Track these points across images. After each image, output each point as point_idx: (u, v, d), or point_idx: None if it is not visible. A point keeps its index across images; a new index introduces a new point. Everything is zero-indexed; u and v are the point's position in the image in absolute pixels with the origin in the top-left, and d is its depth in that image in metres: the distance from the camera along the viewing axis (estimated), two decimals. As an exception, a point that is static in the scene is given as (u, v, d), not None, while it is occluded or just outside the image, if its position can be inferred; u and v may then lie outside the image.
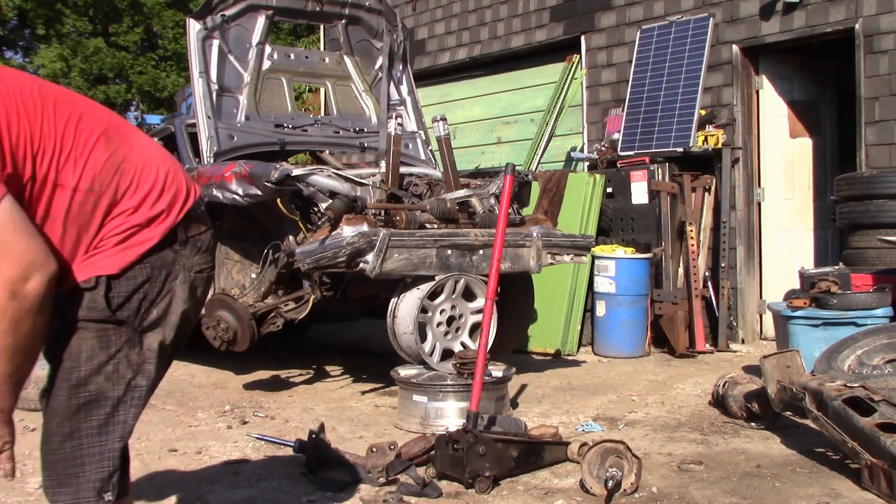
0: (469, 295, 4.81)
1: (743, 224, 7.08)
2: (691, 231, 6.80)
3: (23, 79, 1.79)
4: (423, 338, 4.63)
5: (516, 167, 4.52)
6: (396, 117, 5.50)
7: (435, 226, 4.98)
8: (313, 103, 12.05)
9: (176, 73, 24.07)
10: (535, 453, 3.50)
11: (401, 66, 6.32)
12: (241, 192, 4.72)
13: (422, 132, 6.33)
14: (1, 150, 1.65)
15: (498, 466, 3.30)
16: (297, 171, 4.75)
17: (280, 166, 4.70)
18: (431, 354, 4.65)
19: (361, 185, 5.13)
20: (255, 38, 5.68)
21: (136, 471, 3.66)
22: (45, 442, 1.86)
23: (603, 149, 7.67)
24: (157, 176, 1.90)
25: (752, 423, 4.21)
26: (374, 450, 3.43)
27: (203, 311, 4.58)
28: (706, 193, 7.00)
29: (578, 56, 8.19)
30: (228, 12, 5.53)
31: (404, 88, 6.34)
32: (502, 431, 3.73)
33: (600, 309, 6.63)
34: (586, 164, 7.92)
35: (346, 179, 4.97)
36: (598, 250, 6.56)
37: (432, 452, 3.43)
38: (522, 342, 6.28)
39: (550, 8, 8.47)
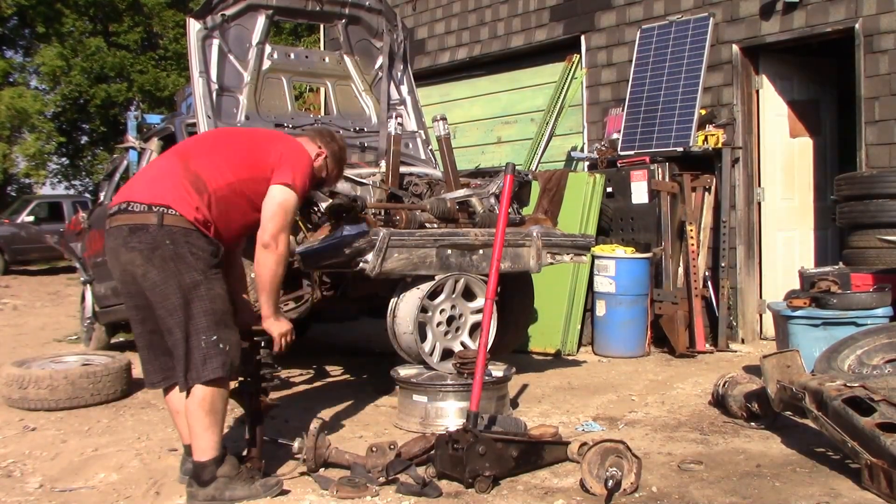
0: (469, 295, 4.80)
1: (743, 224, 7.08)
2: (691, 231, 6.80)
3: None
4: (423, 338, 4.62)
5: (516, 167, 4.52)
6: (396, 117, 5.50)
7: (435, 225, 4.98)
8: (313, 103, 12.04)
9: (176, 73, 24.11)
10: (535, 453, 3.51)
11: (401, 66, 6.32)
12: None
13: (422, 132, 6.32)
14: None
15: (498, 466, 3.30)
16: None
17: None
18: (431, 354, 4.64)
19: (361, 184, 5.13)
20: (255, 37, 5.67)
21: (136, 470, 3.67)
22: None
23: (603, 148, 7.67)
24: None
25: (752, 423, 4.21)
26: (374, 449, 3.43)
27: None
28: (706, 193, 7.00)
29: (578, 56, 8.19)
30: (228, 12, 5.52)
31: (404, 88, 6.34)
32: (502, 431, 3.73)
33: (600, 309, 6.63)
34: (586, 163, 7.92)
35: (346, 179, 4.96)
36: (598, 250, 6.56)
37: (432, 452, 3.44)
38: (522, 342, 6.27)
39: (550, 8, 8.47)
